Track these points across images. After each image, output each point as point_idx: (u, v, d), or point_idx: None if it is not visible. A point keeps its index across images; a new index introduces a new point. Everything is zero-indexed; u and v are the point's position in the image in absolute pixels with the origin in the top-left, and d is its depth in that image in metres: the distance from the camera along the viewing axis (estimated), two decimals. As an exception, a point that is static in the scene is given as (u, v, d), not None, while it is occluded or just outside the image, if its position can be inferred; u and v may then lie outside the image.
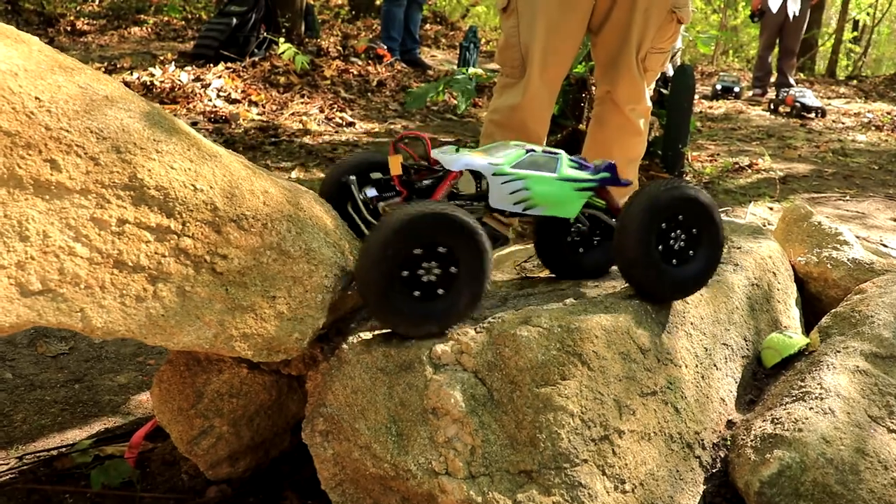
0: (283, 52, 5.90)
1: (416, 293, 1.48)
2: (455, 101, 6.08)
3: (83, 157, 1.30)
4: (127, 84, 5.42)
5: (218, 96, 5.60)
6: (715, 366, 1.80)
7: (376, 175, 1.76)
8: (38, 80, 1.34)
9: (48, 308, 1.24)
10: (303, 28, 7.26)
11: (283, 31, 6.83)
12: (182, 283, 1.33)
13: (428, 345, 1.50)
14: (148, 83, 5.70)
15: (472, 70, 4.92)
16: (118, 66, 6.39)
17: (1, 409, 2.09)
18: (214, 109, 5.35)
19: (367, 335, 1.55)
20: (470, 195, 1.71)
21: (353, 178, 1.73)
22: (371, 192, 1.72)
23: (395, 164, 1.66)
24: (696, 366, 1.74)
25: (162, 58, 6.71)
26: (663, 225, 1.69)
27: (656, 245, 1.68)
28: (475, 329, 1.55)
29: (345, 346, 1.53)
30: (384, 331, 1.57)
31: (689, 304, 1.78)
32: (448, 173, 1.67)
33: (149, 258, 1.31)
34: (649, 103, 3.22)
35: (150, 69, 6.09)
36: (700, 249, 1.74)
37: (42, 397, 2.16)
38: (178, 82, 5.75)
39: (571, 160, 1.79)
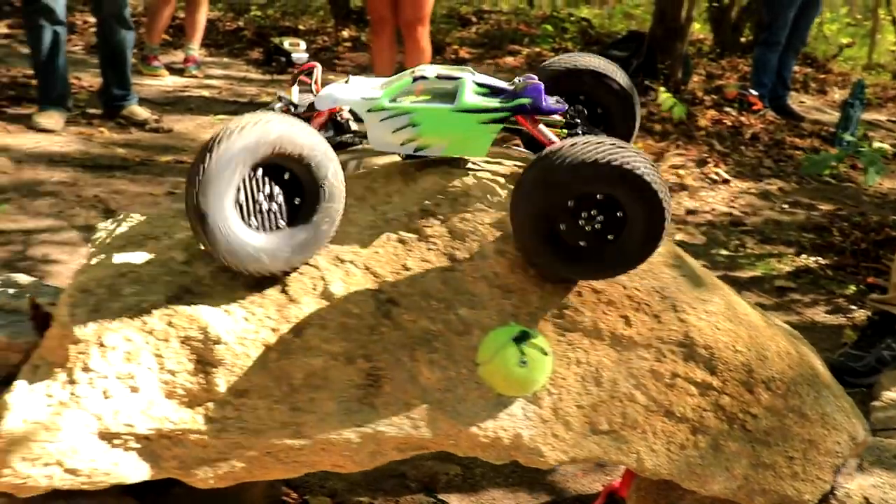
0: (662, 101, 6.03)
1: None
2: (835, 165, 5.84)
3: (649, 314, 1.51)
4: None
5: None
6: None
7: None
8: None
9: (611, 447, 1.46)
10: (679, 74, 7.31)
11: (662, 77, 6.94)
12: (717, 437, 1.50)
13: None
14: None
15: (877, 144, 4.73)
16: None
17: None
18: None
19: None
20: (362, 133, 1.52)
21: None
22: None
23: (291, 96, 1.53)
24: None
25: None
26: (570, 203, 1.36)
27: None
28: None
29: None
30: None
31: None
32: (316, 113, 1.49)
33: (692, 411, 1.49)
34: None
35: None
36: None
37: (493, 455, 2.46)
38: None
39: (480, 85, 1.50)
